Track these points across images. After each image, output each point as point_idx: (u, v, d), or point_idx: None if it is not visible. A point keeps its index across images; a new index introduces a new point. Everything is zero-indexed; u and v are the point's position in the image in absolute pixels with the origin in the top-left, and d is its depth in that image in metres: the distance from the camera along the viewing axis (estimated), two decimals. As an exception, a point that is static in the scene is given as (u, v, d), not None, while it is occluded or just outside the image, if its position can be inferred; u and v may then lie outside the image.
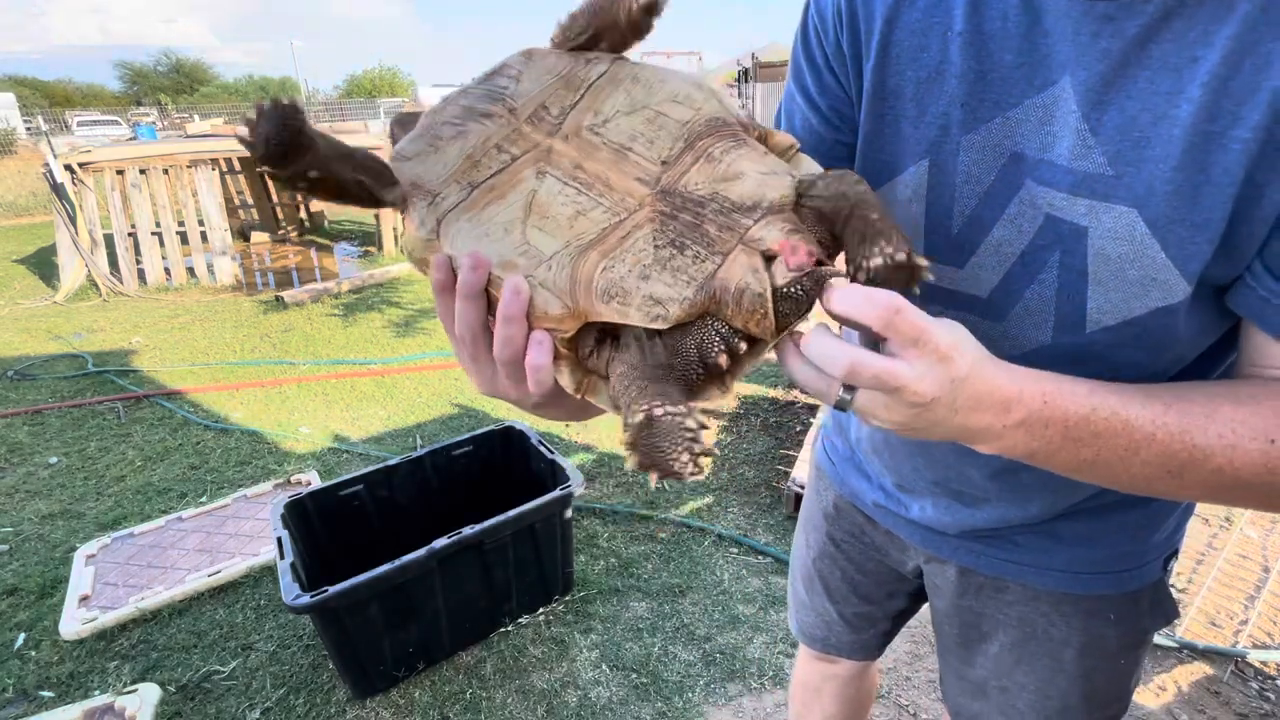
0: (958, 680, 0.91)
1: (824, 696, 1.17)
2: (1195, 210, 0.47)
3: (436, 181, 0.50)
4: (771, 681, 1.89)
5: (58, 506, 2.82)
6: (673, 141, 0.49)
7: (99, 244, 6.09)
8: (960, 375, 0.44)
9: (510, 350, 0.46)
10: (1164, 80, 0.47)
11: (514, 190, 0.49)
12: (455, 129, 0.51)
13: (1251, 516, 2.48)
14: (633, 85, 0.51)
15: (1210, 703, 1.77)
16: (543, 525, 1.98)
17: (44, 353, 4.60)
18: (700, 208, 0.47)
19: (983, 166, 0.56)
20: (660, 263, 0.45)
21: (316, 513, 2.04)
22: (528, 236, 0.47)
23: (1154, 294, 0.51)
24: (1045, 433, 0.48)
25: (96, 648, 2.07)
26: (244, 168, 8.23)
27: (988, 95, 0.54)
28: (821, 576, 1.04)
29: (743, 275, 0.44)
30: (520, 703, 1.85)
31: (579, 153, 0.49)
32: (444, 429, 3.39)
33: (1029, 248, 0.56)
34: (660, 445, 0.42)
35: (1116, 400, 0.48)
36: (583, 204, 0.47)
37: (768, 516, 2.60)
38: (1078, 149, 0.50)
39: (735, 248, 0.45)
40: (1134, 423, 0.48)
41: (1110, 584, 0.75)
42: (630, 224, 0.47)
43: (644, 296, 0.44)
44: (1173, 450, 0.48)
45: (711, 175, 0.48)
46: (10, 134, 20.63)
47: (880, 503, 0.89)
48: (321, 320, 5.16)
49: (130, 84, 60.63)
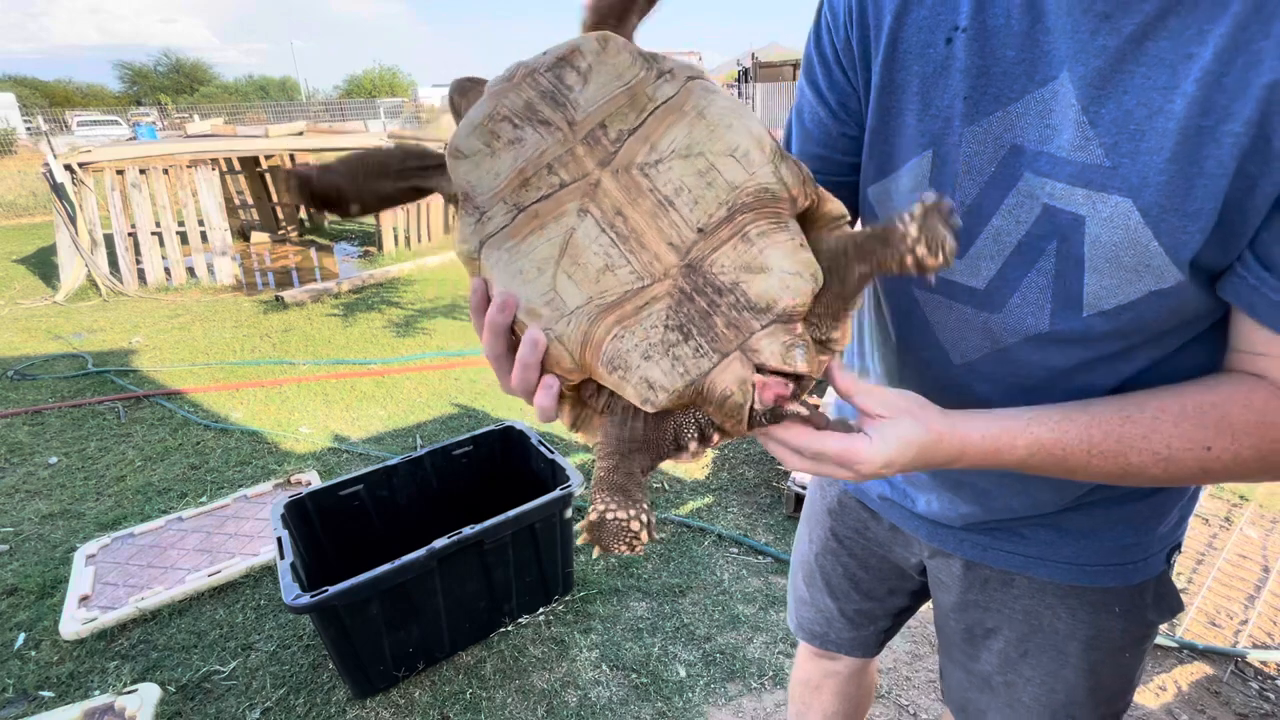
0: (963, 675, 0.91)
1: (824, 694, 1.17)
2: (1188, 201, 0.49)
3: (486, 195, 0.52)
4: (771, 681, 1.89)
5: (58, 506, 2.82)
6: (716, 206, 0.49)
7: (99, 244, 6.09)
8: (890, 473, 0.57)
9: (524, 387, 0.54)
10: (1160, 75, 0.48)
11: (555, 223, 0.50)
12: (514, 131, 0.51)
13: (1251, 516, 2.48)
14: (696, 122, 0.50)
15: (1210, 703, 1.77)
16: (543, 525, 1.98)
17: (44, 353, 4.60)
18: (718, 296, 0.49)
19: (983, 158, 0.58)
20: (664, 346, 0.49)
21: (316, 513, 2.04)
22: (556, 284, 0.50)
23: (1147, 279, 0.53)
24: (985, 467, 0.60)
25: (96, 648, 2.07)
26: (244, 168, 8.24)
27: (989, 89, 0.56)
28: (823, 572, 1.05)
29: (730, 383, 0.48)
30: (520, 703, 1.85)
31: (624, 195, 0.50)
32: (444, 429, 3.39)
33: (1026, 237, 0.58)
34: (604, 538, 0.52)
35: (1053, 440, 0.57)
36: (613, 258, 0.49)
37: (768, 516, 2.60)
38: (1077, 140, 0.52)
39: (734, 351, 0.48)
40: (1070, 458, 0.57)
41: (1116, 576, 0.76)
42: (650, 294, 0.49)
43: (640, 377, 0.49)
44: (1107, 469, 0.57)
45: (739, 261, 0.49)
46: (10, 134, 20.64)
47: (886, 495, 0.89)
48: (321, 320, 5.16)
49: (130, 84, 60.63)
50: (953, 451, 0.58)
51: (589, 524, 0.52)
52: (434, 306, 5.43)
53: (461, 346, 4.55)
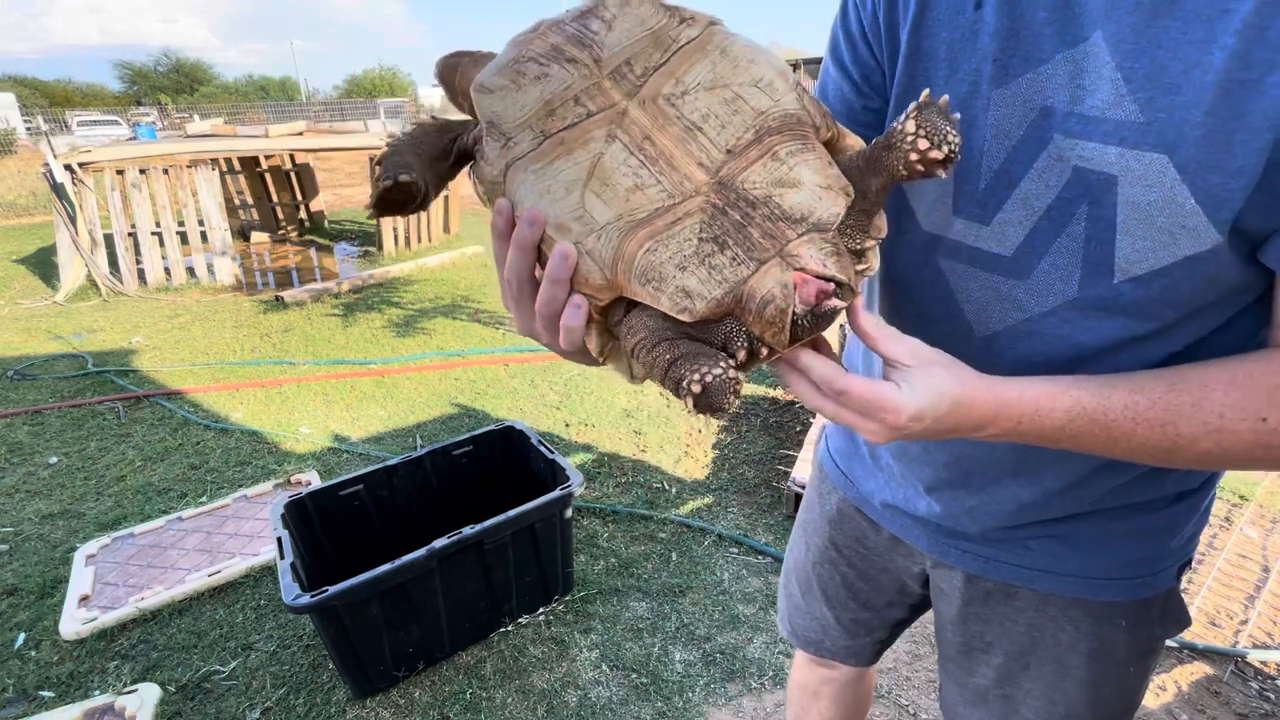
0: (957, 688, 0.89)
1: (822, 700, 1.16)
2: (1229, 157, 0.47)
3: (512, 124, 0.51)
4: (771, 681, 1.89)
5: (58, 506, 2.82)
6: (743, 130, 0.49)
7: (99, 244, 6.08)
8: (914, 432, 0.51)
9: (551, 308, 0.51)
10: (1196, 29, 0.47)
11: (582, 149, 0.50)
12: (539, 68, 0.51)
13: (1251, 516, 2.48)
14: (720, 58, 0.51)
15: (1210, 703, 1.77)
16: (543, 525, 1.98)
17: (44, 353, 4.59)
18: (751, 209, 0.48)
19: (1012, 121, 0.57)
20: (700, 257, 0.47)
21: (316, 513, 2.04)
22: (585, 202, 0.49)
23: (1184, 242, 0.51)
24: (1019, 438, 0.55)
25: (96, 648, 2.07)
26: (244, 168, 8.24)
27: (1019, 51, 0.55)
28: (820, 581, 1.03)
29: (771, 288, 0.46)
30: (520, 703, 1.85)
31: (651, 122, 0.50)
32: (444, 429, 3.39)
33: (1056, 201, 0.56)
34: (714, 399, 0.46)
35: (1095, 404, 0.52)
36: (643, 178, 0.49)
37: (768, 516, 2.60)
38: (1111, 98, 0.51)
39: (772, 258, 0.47)
40: (1113, 425, 0.52)
41: (1124, 591, 0.74)
42: (682, 210, 0.48)
43: (677, 286, 0.47)
44: (1155, 441, 0.52)
45: (770, 177, 0.48)
46: (10, 134, 20.62)
47: (889, 501, 0.86)
48: (321, 320, 5.16)
49: (130, 84, 60.63)
50: (987, 412, 0.53)
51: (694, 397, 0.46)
52: (434, 306, 5.42)
53: (461, 346, 4.55)
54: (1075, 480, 0.69)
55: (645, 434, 3.26)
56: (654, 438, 3.23)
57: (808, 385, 0.51)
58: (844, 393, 0.50)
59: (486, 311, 5.24)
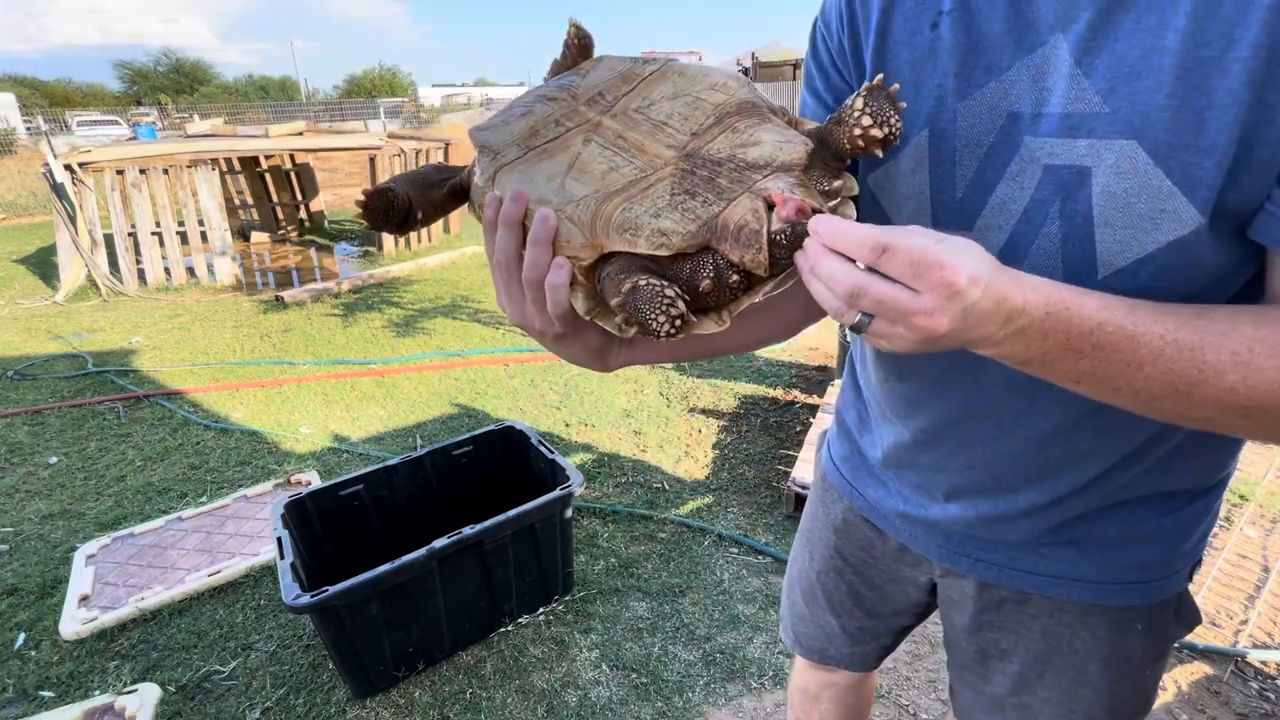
0: (972, 695, 0.88)
1: (823, 703, 1.16)
2: (1200, 135, 0.48)
3: (501, 144, 0.59)
4: (771, 681, 1.89)
5: (58, 506, 2.82)
6: (704, 118, 0.55)
7: (99, 244, 6.09)
8: (972, 303, 0.43)
9: (536, 272, 0.53)
10: (1149, 17, 0.49)
11: (563, 152, 0.57)
12: (524, 108, 0.61)
13: (1251, 516, 2.48)
14: (679, 78, 0.59)
15: (1210, 703, 1.77)
16: (543, 525, 1.98)
17: (44, 353, 4.59)
18: (717, 166, 0.52)
19: (980, 129, 0.58)
20: (673, 205, 0.51)
21: (316, 513, 2.04)
22: (565, 185, 0.55)
23: (1165, 226, 0.51)
24: (1043, 343, 0.48)
25: (96, 648, 2.07)
26: (244, 168, 8.24)
27: (980, 63, 0.57)
28: (825, 590, 1.01)
29: (743, 214, 0.49)
30: (520, 703, 1.85)
31: (622, 126, 0.57)
32: (444, 429, 3.39)
33: (1030, 203, 0.57)
34: (641, 307, 0.49)
35: (1126, 315, 0.48)
36: (617, 163, 0.55)
37: (768, 516, 2.60)
38: (1072, 93, 0.53)
39: (742, 195, 0.50)
40: (1141, 338, 0.48)
41: (1140, 594, 0.73)
42: (653, 179, 0.53)
43: (653, 229, 0.50)
44: (1181, 367, 0.48)
45: (733, 142, 0.53)
46: (10, 134, 20.62)
47: (900, 509, 0.84)
48: (321, 320, 5.16)
49: (130, 84, 60.64)
50: (1018, 298, 0.46)
51: (622, 298, 0.49)
52: (434, 306, 5.42)
53: (461, 346, 4.55)
54: (1095, 476, 0.68)
55: (645, 434, 3.26)
56: (654, 438, 3.23)
57: (835, 261, 0.44)
58: (888, 249, 0.42)
59: (486, 311, 5.25)
